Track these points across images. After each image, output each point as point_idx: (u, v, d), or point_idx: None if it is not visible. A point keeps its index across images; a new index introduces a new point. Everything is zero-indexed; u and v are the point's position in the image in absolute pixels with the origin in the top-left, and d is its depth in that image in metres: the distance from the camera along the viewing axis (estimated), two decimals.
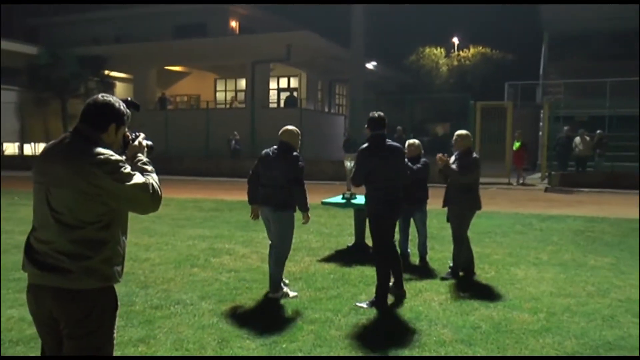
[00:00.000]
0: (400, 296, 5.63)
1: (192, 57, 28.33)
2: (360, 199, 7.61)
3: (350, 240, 8.30)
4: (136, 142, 2.73)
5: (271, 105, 28.80)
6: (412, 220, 7.36)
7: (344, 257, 7.43)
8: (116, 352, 2.77)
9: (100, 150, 2.46)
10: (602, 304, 5.48)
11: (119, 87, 31.80)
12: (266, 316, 5.03)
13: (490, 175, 19.17)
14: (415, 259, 7.29)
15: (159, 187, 2.56)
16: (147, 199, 2.49)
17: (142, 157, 2.69)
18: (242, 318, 4.98)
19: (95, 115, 2.57)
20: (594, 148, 19.18)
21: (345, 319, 4.97)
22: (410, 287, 5.94)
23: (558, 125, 20.39)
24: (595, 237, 9.21)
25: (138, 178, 2.48)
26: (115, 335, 2.62)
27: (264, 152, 5.79)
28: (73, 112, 27.82)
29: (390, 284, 5.61)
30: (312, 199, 5.99)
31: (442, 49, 39.99)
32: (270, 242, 5.80)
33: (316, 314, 5.07)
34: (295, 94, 28.89)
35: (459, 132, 6.54)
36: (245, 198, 5.87)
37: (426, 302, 5.49)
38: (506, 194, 16.88)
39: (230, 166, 23.15)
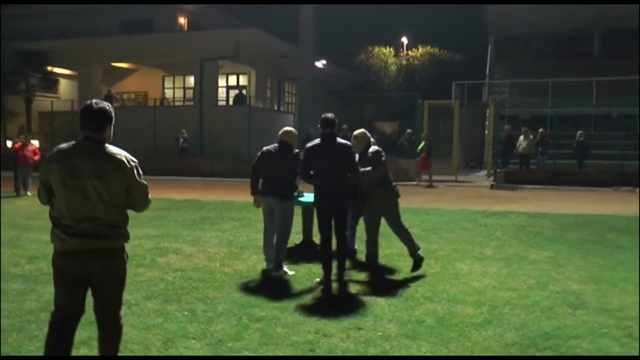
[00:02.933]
0: (343, 285, 5.92)
1: (139, 54, 27.69)
2: (307, 197, 7.62)
3: (297, 239, 8.29)
4: None
5: (220, 103, 28.51)
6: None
7: (292, 255, 7.41)
8: None
9: (126, 153, 3.37)
10: (541, 296, 5.67)
11: (63, 83, 30.84)
12: (212, 315, 4.98)
13: (437, 173, 19.54)
14: (362, 256, 7.35)
15: None
16: (148, 199, 3.45)
17: None
18: (188, 318, 4.92)
19: (96, 120, 3.32)
20: (536, 146, 19.76)
21: (291, 316, 4.97)
22: (357, 282, 6.01)
23: (503, 123, 20.94)
24: (536, 232, 9.51)
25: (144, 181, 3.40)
26: None
27: (265, 148, 6.53)
28: (12, 110, 26.71)
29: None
30: None
31: (391, 49, 40.47)
32: (266, 227, 6.64)
33: (262, 312, 5.06)
34: (244, 91, 28.65)
35: (355, 132, 6.71)
36: (192, 197, 5.84)
37: (372, 298, 5.55)
38: (453, 191, 17.22)
39: (178, 165, 22.85)
